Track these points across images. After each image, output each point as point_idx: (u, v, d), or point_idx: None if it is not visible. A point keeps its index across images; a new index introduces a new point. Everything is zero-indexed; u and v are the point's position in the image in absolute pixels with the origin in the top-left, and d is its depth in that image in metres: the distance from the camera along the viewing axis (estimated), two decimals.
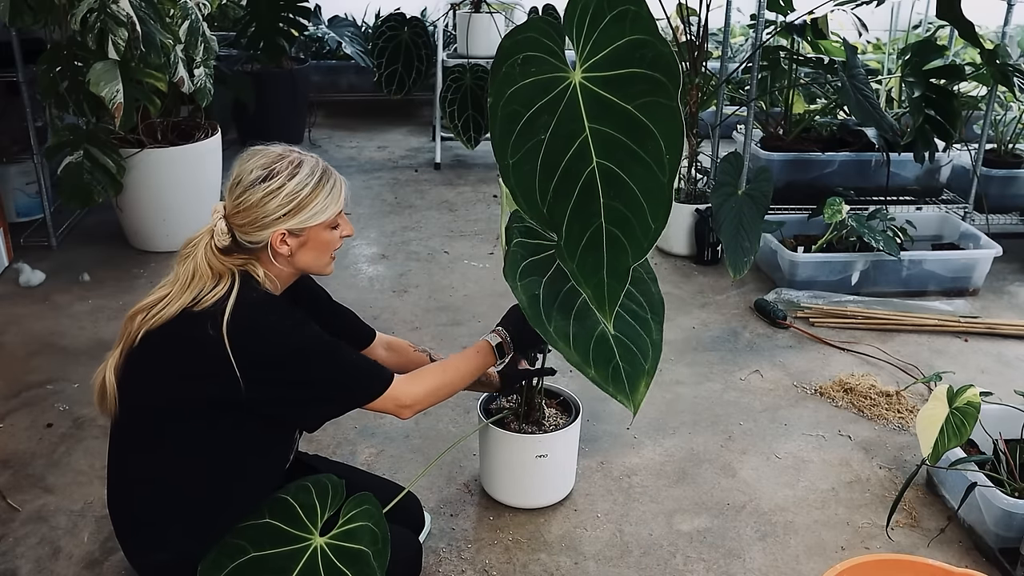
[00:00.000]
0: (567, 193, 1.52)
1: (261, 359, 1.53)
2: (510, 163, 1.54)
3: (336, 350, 1.62)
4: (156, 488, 1.60)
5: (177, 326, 1.54)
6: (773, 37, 4.03)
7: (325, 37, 5.72)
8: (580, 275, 1.53)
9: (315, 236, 1.62)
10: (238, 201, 1.57)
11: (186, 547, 1.60)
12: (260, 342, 1.53)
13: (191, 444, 1.58)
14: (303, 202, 1.57)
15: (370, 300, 3.34)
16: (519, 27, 1.54)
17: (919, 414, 2.04)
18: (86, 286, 3.41)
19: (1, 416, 2.57)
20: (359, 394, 1.66)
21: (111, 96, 3.08)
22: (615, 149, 1.50)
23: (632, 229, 1.51)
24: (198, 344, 1.51)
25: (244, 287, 1.56)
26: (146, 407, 1.59)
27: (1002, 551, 2.06)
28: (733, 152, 3.51)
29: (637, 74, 1.47)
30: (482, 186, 4.69)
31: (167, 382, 1.56)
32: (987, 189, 3.93)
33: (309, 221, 1.58)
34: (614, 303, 1.52)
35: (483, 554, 2.09)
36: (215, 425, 1.57)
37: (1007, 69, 3.50)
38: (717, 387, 2.83)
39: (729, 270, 3.13)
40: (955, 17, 3.15)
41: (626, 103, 1.49)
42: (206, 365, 1.52)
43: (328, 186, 1.60)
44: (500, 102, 1.53)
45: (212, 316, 1.51)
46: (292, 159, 1.59)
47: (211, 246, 1.58)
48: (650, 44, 1.47)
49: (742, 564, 2.08)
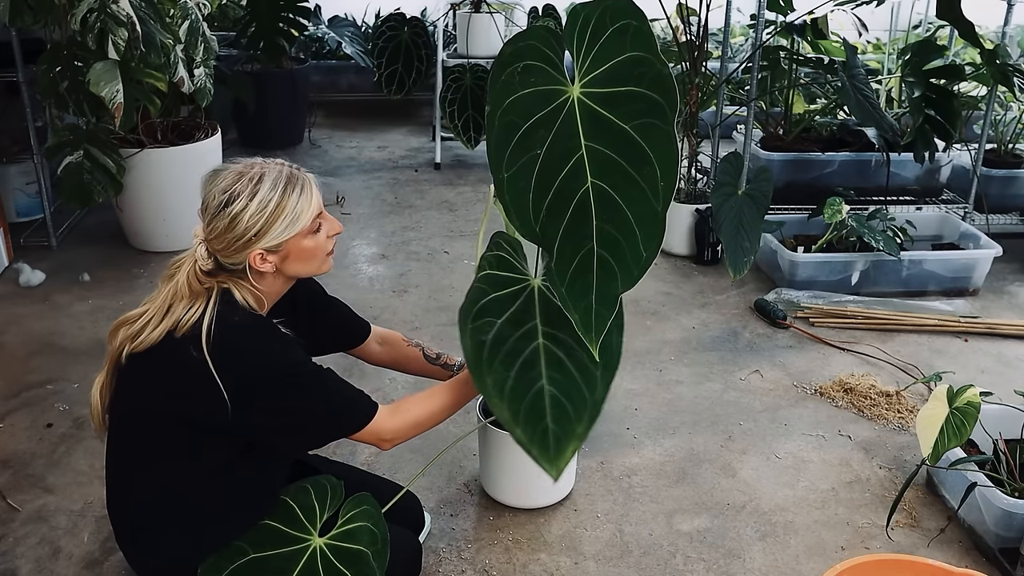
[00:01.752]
0: (560, 212, 1.50)
1: (246, 382, 1.50)
2: (504, 177, 1.51)
3: (323, 379, 1.59)
4: (153, 496, 1.60)
5: (161, 348, 1.51)
6: (773, 37, 4.03)
7: (325, 37, 5.72)
8: (569, 299, 1.49)
9: (295, 247, 1.57)
10: (209, 228, 1.54)
11: (185, 553, 1.60)
12: (244, 365, 1.51)
13: (185, 457, 1.57)
14: (270, 219, 1.52)
15: (370, 300, 3.34)
16: (520, 34, 1.52)
17: (919, 414, 2.04)
18: (86, 286, 3.41)
19: (1, 416, 2.57)
20: (344, 425, 1.63)
21: (111, 96, 3.08)
22: (611, 170, 1.48)
23: (623, 254, 1.48)
24: (184, 365, 1.49)
25: (224, 306, 1.53)
26: (139, 421, 1.58)
27: (1002, 551, 2.06)
28: (733, 152, 3.51)
29: (636, 93, 1.46)
30: (482, 186, 4.69)
31: (156, 401, 1.55)
32: (987, 189, 3.93)
33: (283, 235, 1.54)
34: (600, 330, 1.49)
35: (483, 554, 2.09)
36: (207, 439, 1.56)
37: (1007, 69, 3.49)
38: (717, 387, 2.83)
39: (729, 270, 3.13)
40: (955, 17, 3.15)
41: (623, 122, 1.47)
42: (192, 386, 1.50)
43: (295, 195, 1.54)
44: (498, 111, 1.50)
45: (193, 339, 1.48)
46: (252, 175, 1.53)
47: (195, 270, 1.55)
48: (649, 62, 1.45)
49: (742, 564, 2.08)
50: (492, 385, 1.56)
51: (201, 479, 1.59)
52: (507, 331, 1.62)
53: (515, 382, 1.58)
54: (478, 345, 1.58)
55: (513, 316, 1.63)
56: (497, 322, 1.61)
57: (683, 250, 3.82)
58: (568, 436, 1.56)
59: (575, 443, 1.56)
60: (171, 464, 1.58)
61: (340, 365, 2.82)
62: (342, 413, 1.62)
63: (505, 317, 1.63)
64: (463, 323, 1.59)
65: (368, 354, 2.05)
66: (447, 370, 2.10)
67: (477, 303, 1.62)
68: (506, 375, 1.58)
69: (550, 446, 1.54)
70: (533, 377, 1.59)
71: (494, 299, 1.64)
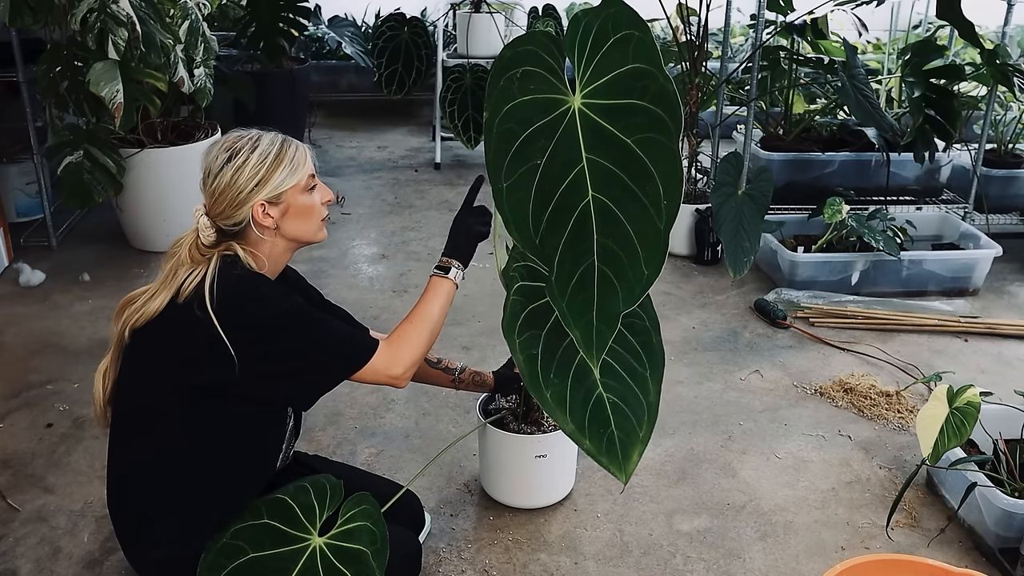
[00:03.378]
0: (560, 225, 1.48)
1: (249, 332, 1.54)
2: (504, 187, 1.50)
3: (321, 319, 1.63)
4: (151, 482, 1.61)
5: (165, 316, 1.56)
6: (773, 37, 4.03)
7: (325, 37, 5.72)
8: (569, 315, 1.48)
9: (293, 201, 1.63)
10: (212, 189, 1.60)
11: (183, 543, 1.60)
12: (245, 315, 1.55)
13: (183, 434, 1.59)
14: (270, 168, 1.60)
15: (370, 300, 3.34)
16: (520, 39, 1.50)
17: (919, 414, 2.04)
18: (86, 286, 3.41)
19: (1, 416, 2.57)
20: (347, 364, 1.65)
21: (111, 96, 3.08)
22: (612, 184, 1.46)
23: (624, 271, 1.46)
24: (189, 327, 1.53)
25: (225, 266, 1.57)
26: (140, 400, 1.61)
27: (1002, 551, 2.06)
28: (733, 152, 3.51)
29: (638, 106, 1.43)
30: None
31: (164, 371, 1.58)
32: (987, 189, 3.93)
33: (282, 185, 1.61)
34: (602, 348, 1.48)
35: (483, 554, 2.09)
36: (207, 413, 1.58)
37: (1007, 69, 3.50)
38: (717, 387, 2.83)
39: (729, 270, 3.13)
40: (955, 17, 3.15)
41: (625, 136, 1.45)
42: (199, 348, 1.53)
43: (291, 150, 1.63)
44: (496, 118, 1.49)
45: (197, 298, 1.53)
46: (251, 136, 1.63)
47: (196, 242, 1.61)
48: (652, 76, 1.42)
49: (742, 564, 2.08)
50: (553, 397, 1.60)
51: (200, 461, 1.60)
52: (554, 342, 1.64)
53: (573, 393, 1.61)
54: (531, 359, 1.61)
55: (555, 326, 1.65)
56: (541, 334, 1.64)
57: (683, 250, 3.82)
58: (633, 441, 1.63)
59: (640, 447, 1.63)
60: (170, 447, 1.60)
61: None
62: (342, 353, 1.65)
63: (548, 328, 1.65)
64: (510, 339, 1.61)
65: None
66: (448, 374, 2.10)
67: (519, 317, 1.64)
68: (563, 386, 1.61)
69: (618, 453, 1.60)
70: (589, 386, 1.63)
71: (533, 311, 1.66)
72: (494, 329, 3.13)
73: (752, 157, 3.78)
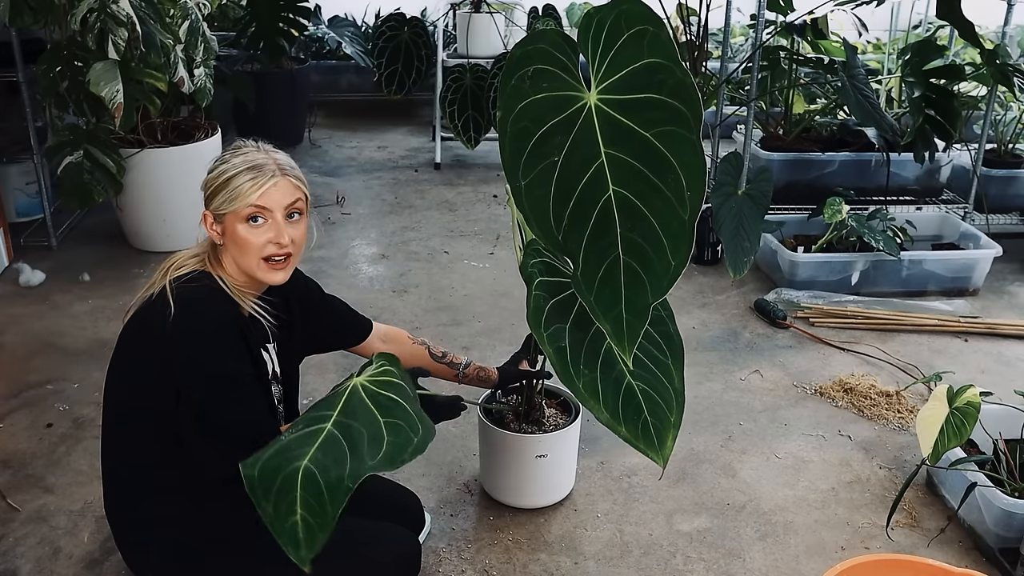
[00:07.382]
0: (583, 220, 1.48)
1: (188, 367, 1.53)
2: (522, 185, 1.50)
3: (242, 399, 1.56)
4: (141, 487, 1.62)
5: (141, 312, 1.57)
6: (773, 37, 4.03)
7: (325, 37, 5.72)
8: (598, 308, 1.49)
9: (231, 227, 1.58)
10: None
11: (176, 547, 1.60)
12: (192, 350, 1.53)
13: (162, 433, 1.59)
14: (223, 183, 1.57)
15: (370, 300, 3.34)
16: (529, 37, 1.50)
17: (919, 414, 2.04)
18: (86, 286, 3.41)
19: (1, 416, 2.57)
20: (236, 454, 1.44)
21: (111, 96, 3.08)
22: (632, 178, 1.46)
23: (651, 264, 1.47)
24: (153, 332, 1.53)
25: (196, 288, 1.56)
26: (120, 398, 1.62)
27: (1002, 551, 2.06)
28: (733, 152, 3.51)
29: (655, 100, 1.44)
30: (482, 186, 4.69)
31: (131, 369, 1.60)
32: (987, 189, 3.93)
33: (224, 206, 1.56)
34: (634, 340, 1.48)
35: (483, 554, 2.09)
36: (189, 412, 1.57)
37: (1007, 69, 3.49)
38: (717, 387, 2.83)
39: (729, 270, 3.13)
40: (955, 17, 3.15)
41: (644, 130, 1.45)
42: (156, 352, 1.54)
43: (246, 178, 1.55)
44: (510, 117, 1.49)
45: (163, 304, 1.53)
46: (242, 149, 1.61)
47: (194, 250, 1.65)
48: (668, 70, 1.43)
49: (742, 564, 2.08)
50: (585, 387, 1.61)
51: (187, 460, 1.60)
52: (578, 333, 1.66)
53: (603, 382, 1.64)
54: (560, 352, 1.61)
55: (577, 319, 1.67)
56: (566, 327, 1.65)
57: None
58: (666, 426, 1.67)
59: (673, 432, 1.67)
60: (152, 448, 1.60)
61: (342, 364, 2.84)
62: (240, 441, 1.49)
63: (571, 320, 1.66)
64: (538, 333, 1.62)
65: (371, 352, 2.04)
66: (453, 368, 2.09)
67: (543, 311, 1.64)
68: (592, 376, 1.63)
69: (653, 439, 1.64)
70: (617, 375, 1.65)
71: (555, 304, 1.67)
72: (494, 329, 3.13)
73: (752, 157, 3.78)
